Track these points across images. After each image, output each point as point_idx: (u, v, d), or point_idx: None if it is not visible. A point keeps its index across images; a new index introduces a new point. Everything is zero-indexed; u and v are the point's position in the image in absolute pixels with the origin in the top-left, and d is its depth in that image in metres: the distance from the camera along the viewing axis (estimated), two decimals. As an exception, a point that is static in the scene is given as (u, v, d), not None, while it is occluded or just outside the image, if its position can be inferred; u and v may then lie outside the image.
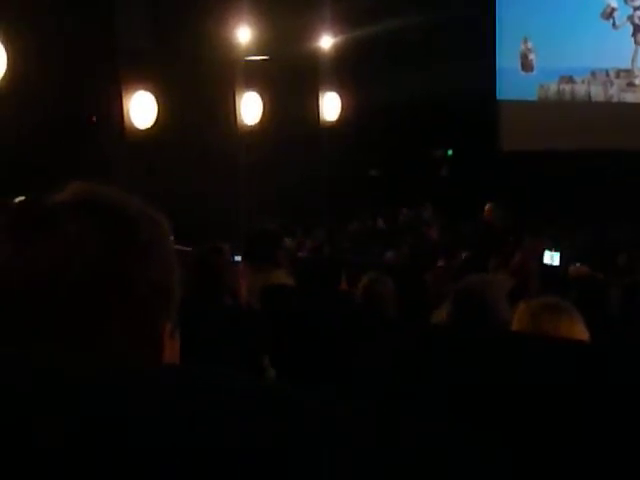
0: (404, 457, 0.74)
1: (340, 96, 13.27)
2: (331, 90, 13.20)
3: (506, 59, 14.85)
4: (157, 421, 0.68)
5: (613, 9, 14.29)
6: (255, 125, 11.80)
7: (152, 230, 1.03)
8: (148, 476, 0.65)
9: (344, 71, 12.95)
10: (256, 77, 11.59)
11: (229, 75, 11.19)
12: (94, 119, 9.90)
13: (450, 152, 15.24)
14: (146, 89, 10.07)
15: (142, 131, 10.15)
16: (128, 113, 10.02)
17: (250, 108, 11.72)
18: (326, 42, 12.92)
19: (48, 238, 0.96)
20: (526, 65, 14.80)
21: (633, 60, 14.30)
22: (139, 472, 0.66)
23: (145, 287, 1.00)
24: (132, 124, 10.10)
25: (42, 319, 0.95)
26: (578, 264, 7.98)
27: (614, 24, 14.34)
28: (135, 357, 0.99)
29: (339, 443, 0.71)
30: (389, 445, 0.74)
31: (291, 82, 12.16)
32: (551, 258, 8.93)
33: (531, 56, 14.72)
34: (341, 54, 12.99)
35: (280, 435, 0.70)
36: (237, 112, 11.53)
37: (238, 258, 4.45)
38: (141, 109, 10.06)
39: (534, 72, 14.77)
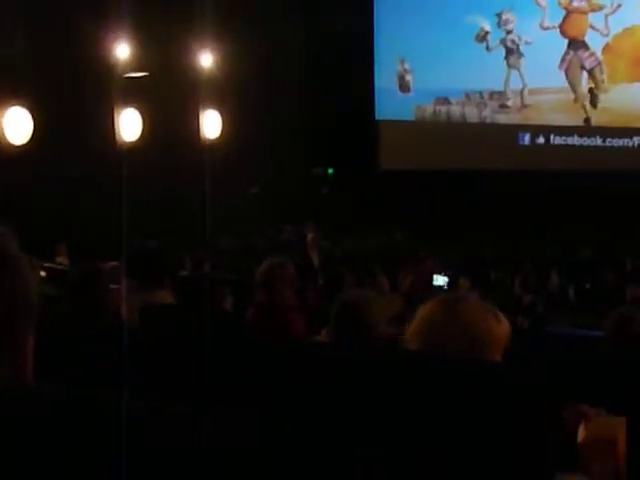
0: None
1: (221, 114, 13.23)
2: (212, 107, 13.14)
3: (384, 79, 15.11)
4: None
5: (487, 32, 14.73)
6: (134, 142, 11.64)
7: (5, 246, 1.05)
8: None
9: (225, 89, 12.92)
10: (135, 94, 11.44)
11: (107, 91, 11.02)
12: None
13: (331, 171, 15.39)
14: (21, 105, 9.81)
15: (17, 147, 9.89)
16: (1, 129, 9.74)
17: (129, 125, 11.55)
18: (206, 59, 12.86)
19: None
20: (403, 86, 15.10)
21: (506, 82, 14.77)
22: None
23: (7, 299, 1.02)
24: (6, 140, 9.82)
25: None
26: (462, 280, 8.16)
27: (487, 47, 14.78)
28: (3, 366, 1.00)
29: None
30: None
31: (171, 99, 12.07)
32: (439, 280, 9.00)
33: (408, 77, 15.02)
34: (222, 71, 12.96)
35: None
36: (115, 128, 11.35)
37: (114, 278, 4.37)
38: (15, 125, 9.80)
39: (411, 93, 15.08)
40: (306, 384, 1.96)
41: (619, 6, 14.05)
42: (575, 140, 14.59)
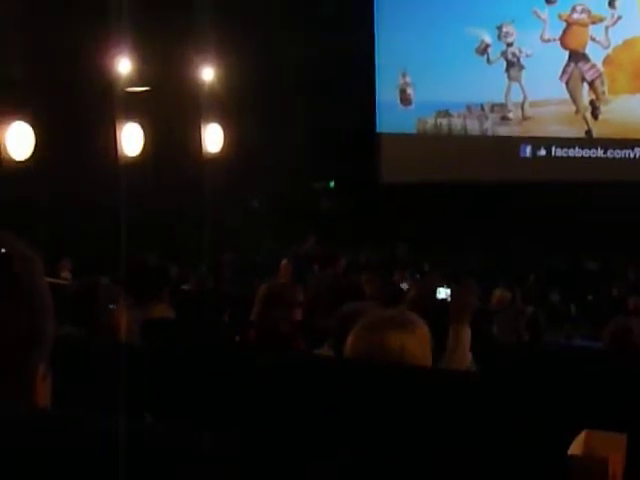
0: None
1: (222, 128, 13.26)
2: (214, 121, 13.18)
3: (385, 93, 15.14)
4: None
5: (487, 45, 14.76)
6: (136, 157, 11.66)
7: (25, 267, 0.99)
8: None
9: (226, 103, 12.95)
10: (137, 108, 11.47)
11: (109, 106, 11.05)
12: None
13: (332, 184, 15.39)
14: (23, 120, 9.84)
15: (19, 162, 9.91)
16: (4, 144, 9.76)
17: (131, 139, 11.59)
18: (208, 73, 12.90)
19: None
20: (404, 99, 15.12)
21: (506, 94, 14.79)
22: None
23: (16, 330, 0.96)
24: (8, 155, 9.85)
25: None
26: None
27: (488, 59, 14.81)
28: (4, 397, 0.96)
29: None
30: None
31: (173, 113, 12.10)
32: (443, 293, 8.93)
33: (409, 90, 15.05)
34: (223, 86, 12.99)
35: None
36: (118, 143, 11.38)
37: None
38: (17, 140, 9.82)
39: (412, 106, 15.10)
40: (306, 398, 1.96)
41: (619, 18, 14.08)
42: (577, 152, 14.60)
